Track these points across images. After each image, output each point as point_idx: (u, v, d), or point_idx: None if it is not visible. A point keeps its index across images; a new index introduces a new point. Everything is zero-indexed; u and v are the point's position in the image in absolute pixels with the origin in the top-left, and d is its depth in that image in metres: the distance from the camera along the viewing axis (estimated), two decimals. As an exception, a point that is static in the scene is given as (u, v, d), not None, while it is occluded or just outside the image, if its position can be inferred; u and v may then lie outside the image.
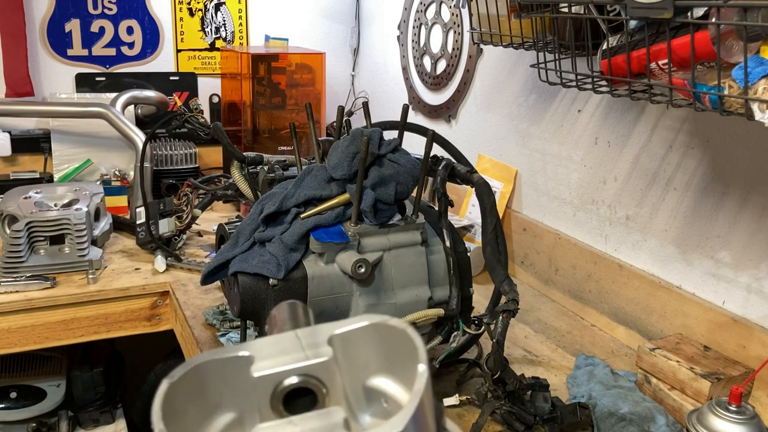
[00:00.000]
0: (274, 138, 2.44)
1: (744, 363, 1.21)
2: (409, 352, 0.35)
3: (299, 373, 0.36)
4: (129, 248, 1.87)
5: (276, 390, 0.36)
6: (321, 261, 1.10)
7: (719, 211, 1.29)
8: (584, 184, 1.61)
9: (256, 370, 0.36)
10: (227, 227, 1.28)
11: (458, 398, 1.19)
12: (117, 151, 2.19)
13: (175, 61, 2.48)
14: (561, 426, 1.10)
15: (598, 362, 1.34)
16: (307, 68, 2.46)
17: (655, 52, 0.99)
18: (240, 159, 1.44)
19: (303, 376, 0.36)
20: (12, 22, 2.20)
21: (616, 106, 1.49)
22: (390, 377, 0.37)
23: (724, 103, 0.90)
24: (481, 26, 1.47)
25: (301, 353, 0.36)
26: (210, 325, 1.46)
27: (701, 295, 1.33)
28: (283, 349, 0.37)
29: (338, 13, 2.65)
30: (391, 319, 0.37)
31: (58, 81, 2.33)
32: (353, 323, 0.37)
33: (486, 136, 1.96)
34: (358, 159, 1.08)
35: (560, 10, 1.15)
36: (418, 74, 2.24)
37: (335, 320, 1.17)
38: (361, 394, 0.37)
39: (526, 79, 1.77)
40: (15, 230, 1.63)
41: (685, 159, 1.35)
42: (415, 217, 1.16)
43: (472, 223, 1.87)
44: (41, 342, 1.63)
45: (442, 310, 1.13)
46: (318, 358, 0.36)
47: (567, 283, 1.65)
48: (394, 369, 0.37)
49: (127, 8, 2.36)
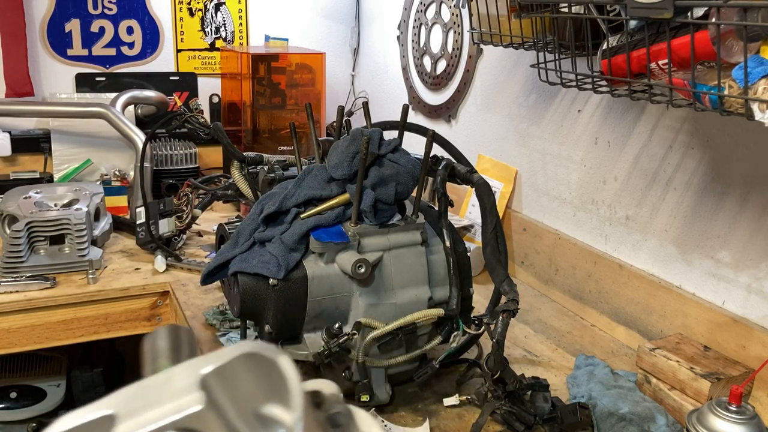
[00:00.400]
0: (274, 138, 2.44)
1: (744, 363, 1.21)
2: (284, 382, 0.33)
3: (168, 430, 0.32)
4: (129, 248, 1.87)
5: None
6: (321, 261, 1.10)
7: (719, 211, 1.29)
8: (584, 184, 1.61)
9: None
10: (227, 227, 1.28)
11: (458, 398, 1.19)
12: (117, 151, 2.19)
13: (175, 61, 2.48)
14: (561, 426, 1.10)
15: (598, 362, 1.34)
16: (307, 68, 2.46)
17: (655, 52, 0.99)
18: (240, 159, 1.44)
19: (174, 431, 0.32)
20: (12, 22, 2.20)
21: (616, 106, 1.49)
22: (278, 404, 0.35)
23: (724, 103, 0.90)
24: (481, 26, 1.47)
25: (169, 404, 0.32)
26: (210, 325, 1.46)
27: (701, 295, 1.33)
28: (150, 400, 0.33)
29: (338, 13, 2.65)
30: (263, 349, 0.34)
31: (58, 81, 2.33)
32: (226, 356, 0.34)
33: (486, 136, 1.96)
34: (358, 159, 1.08)
35: (560, 10, 1.15)
36: (418, 74, 2.24)
37: (335, 320, 1.16)
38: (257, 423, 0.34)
39: (526, 79, 1.77)
40: (15, 230, 1.63)
41: (685, 159, 1.35)
42: (415, 217, 1.16)
43: (472, 223, 1.87)
44: (41, 342, 1.63)
45: (442, 310, 1.13)
46: (188, 409, 0.32)
47: (567, 283, 1.65)
48: (280, 396, 0.34)
49: (127, 8, 2.36)
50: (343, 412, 0.40)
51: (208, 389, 0.33)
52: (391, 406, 1.18)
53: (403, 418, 1.16)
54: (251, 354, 0.34)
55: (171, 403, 0.33)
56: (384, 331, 1.09)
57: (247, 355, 0.34)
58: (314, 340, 1.11)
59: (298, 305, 1.09)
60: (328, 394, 0.40)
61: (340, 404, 0.40)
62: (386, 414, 1.16)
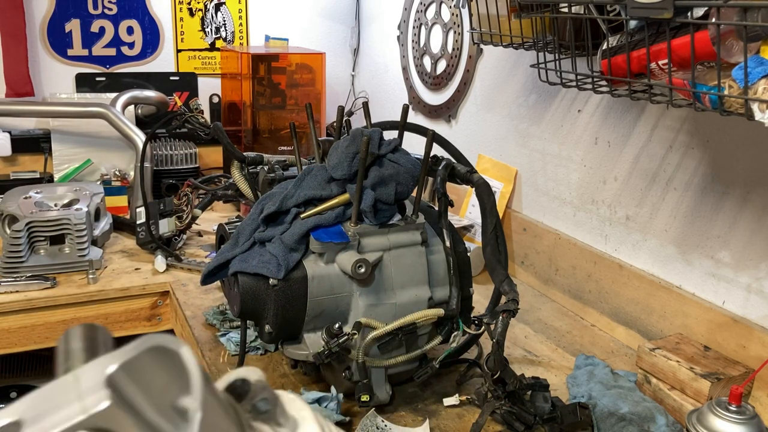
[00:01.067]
0: (274, 138, 2.44)
1: (744, 363, 1.21)
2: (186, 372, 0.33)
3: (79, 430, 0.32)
4: (129, 248, 1.87)
5: None
6: (321, 261, 1.11)
7: (719, 211, 1.29)
8: (584, 184, 1.61)
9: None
10: (227, 227, 1.28)
11: (458, 398, 1.19)
12: (117, 151, 2.20)
13: (175, 61, 2.48)
14: (561, 426, 1.10)
15: (598, 362, 1.34)
16: (307, 68, 2.46)
17: (655, 52, 0.99)
18: (240, 159, 1.44)
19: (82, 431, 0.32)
20: (12, 22, 2.20)
21: (616, 106, 1.49)
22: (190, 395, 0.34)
23: (724, 103, 0.90)
24: (481, 26, 1.47)
25: (76, 404, 0.32)
26: (210, 325, 1.46)
27: (701, 295, 1.33)
28: (56, 402, 0.32)
29: (338, 13, 2.65)
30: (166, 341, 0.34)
31: (58, 81, 2.33)
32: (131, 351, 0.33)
33: (486, 136, 1.96)
34: (358, 159, 1.08)
35: (560, 10, 1.15)
36: (418, 74, 2.24)
37: (335, 320, 1.16)
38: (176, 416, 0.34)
39: (526, 79, 1.77)
40: (15, 230, 1.63)
41: (685, 159, 1.35)
42: (415, 217, 1.16)
43: (472, 223, 1.87)
44: (41, 342, 1.63)
45: (442, 310, 1.13)
46: (94, 408, 0.32)
47: (567, 283, 1.65)
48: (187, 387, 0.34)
49: (127, 8, 2.36)
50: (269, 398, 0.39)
51: (116, 386, 0.32)
52: (391, 406, 1.18)
53: (403, 418, 1.16)
54: (156, 347, 0.33)
55: (77, 403, 0.32)
56: (384, 331, 1.09)
57: (153, 348, 0.33)
58: (314, 340, 1.11)
59: (298, 305, 1.09)
60: (253, 381, 0.40)
61: (266, 390, 0.40)
62: (386, 414, 1.16)
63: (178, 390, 0.34)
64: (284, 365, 1.31)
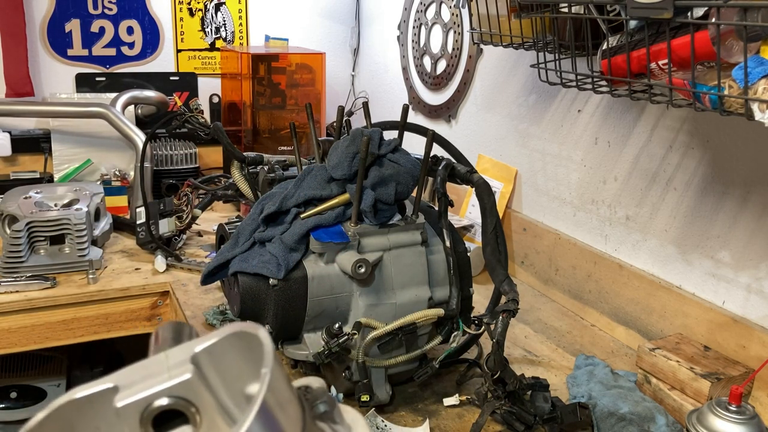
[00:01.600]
0: (274, 138, 2.44)
1: (744, 363, 1.21)
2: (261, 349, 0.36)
3: (162, 396, 0.36)
4: (129, 248, 1.87)
5: (143, 416, 0.36)
6: (321, 261, 1.11)
7: (719, 211, 1.29)
8: (584, 184, 1.61)
9: (119, 399, 0.36)
10: (227, 227, 1.28)
11: (458, 398, 1.20)
12: (117, 151, 2.20)
13: (175, 61, 2.48)
14: (561, 426, 1.10)
15: (598, 362, 1.34)
16: (307, 68, 2.46)
17: (655, 52, 0.99)
18: (240, 159, 1.44)
19: (168, 398, 0.36)
20: (12, 22, 2.20)
21: (616, 106, 1.49)
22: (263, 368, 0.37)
23: (724, 103, 0.90)
24: (481, 26, 1.47)
25: (164, 374, 0.36)
26: (210, 325, 1.46)
27: (701, 295, 1.33)
28: (148, 373, 0.37)
29: (338, 13, 2.65)
30: (246, 326, 0.37)
31: (58, 81, 2.33)
32: (215, 336, 0.37)
33: (486, 136, 1.96)
34: (358, 159, 1.08)
35: (560, 10, 1.15)
36: (418, 74, 2.24)
37: (335, 320, 1.17)
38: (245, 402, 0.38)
39: (526, 79, 1.77)
40: (15, 230, 1.63)
41: (685, 159, 1.35)
42: (415, 217, 1.16)
43: (472, 223, 1.87)
44: (41, 342, 1.63)
45: (442, 310, 1.13)
46: (179, 378, 0.36)
47: (567, 283, 1.65)
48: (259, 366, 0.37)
49: (127, 8, 2.36)
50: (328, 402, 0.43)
51: (199, 364, 0.37)
52: (391, 406, 1.18)
53: (403, 418, 1.16)
54: (237, 333, 0.37)
55: (166, 373, 0.37)
56: (384, 331, 1.09)
57: (234, 334, 0.37)
58: (314, 340, 1.11)
59: (298, 305, 1.09)
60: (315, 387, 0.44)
61: (326, 395, 0.43)
62: (386, 414, 1.16)
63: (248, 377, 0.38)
64: (284, 365, 1.31)
